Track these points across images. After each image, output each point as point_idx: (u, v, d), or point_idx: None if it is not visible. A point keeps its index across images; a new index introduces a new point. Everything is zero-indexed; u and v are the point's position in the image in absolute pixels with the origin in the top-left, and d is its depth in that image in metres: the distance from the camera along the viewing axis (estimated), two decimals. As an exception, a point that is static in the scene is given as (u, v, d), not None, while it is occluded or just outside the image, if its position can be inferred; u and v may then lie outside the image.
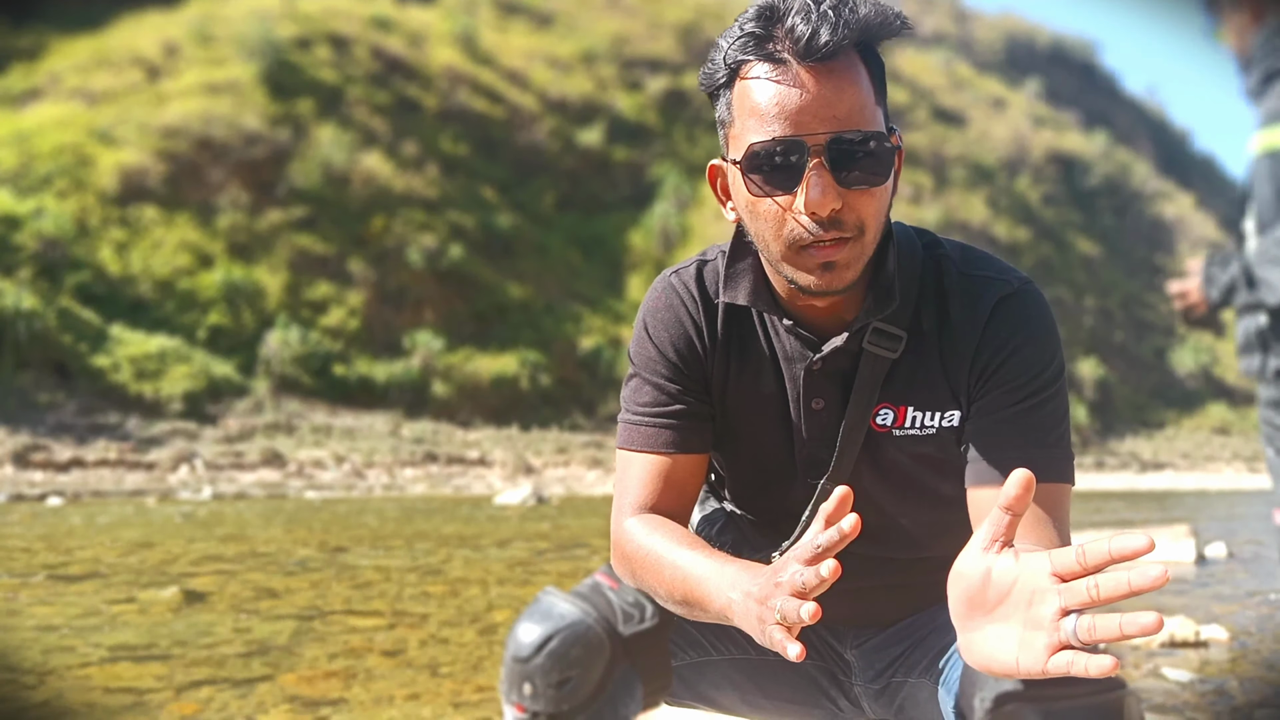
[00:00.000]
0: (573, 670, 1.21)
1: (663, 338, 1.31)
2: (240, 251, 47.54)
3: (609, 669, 1.22)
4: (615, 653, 1.23)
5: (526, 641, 1.23)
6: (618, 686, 1.23)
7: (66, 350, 37.93)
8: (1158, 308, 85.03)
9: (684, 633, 1.35)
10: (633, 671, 1.25)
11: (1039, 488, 1.14)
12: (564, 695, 1.20)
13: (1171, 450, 64.24)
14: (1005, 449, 1.17)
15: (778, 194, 1.11)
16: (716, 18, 70.90)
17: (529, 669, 1.21)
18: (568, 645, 1.21)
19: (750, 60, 1.11)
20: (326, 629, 4.49)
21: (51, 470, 27.17)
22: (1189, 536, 8.12)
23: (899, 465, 1.26)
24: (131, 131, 48.58)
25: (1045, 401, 1.18)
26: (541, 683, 1.21)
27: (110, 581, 6.18)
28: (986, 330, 1.20)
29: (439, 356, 47.06)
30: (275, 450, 34.25)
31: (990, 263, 1.26)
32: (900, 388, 1.24)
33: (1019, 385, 1.18)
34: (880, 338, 1.22)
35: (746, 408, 1.32)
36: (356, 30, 62.08)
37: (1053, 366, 1.19)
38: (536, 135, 64.12)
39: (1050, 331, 1.21)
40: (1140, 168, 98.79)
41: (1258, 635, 4.39)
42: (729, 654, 1.40)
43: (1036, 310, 1.21)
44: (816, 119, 1.08)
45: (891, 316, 1.22)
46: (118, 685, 3.34)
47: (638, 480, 1.30)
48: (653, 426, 1.30)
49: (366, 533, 10.60)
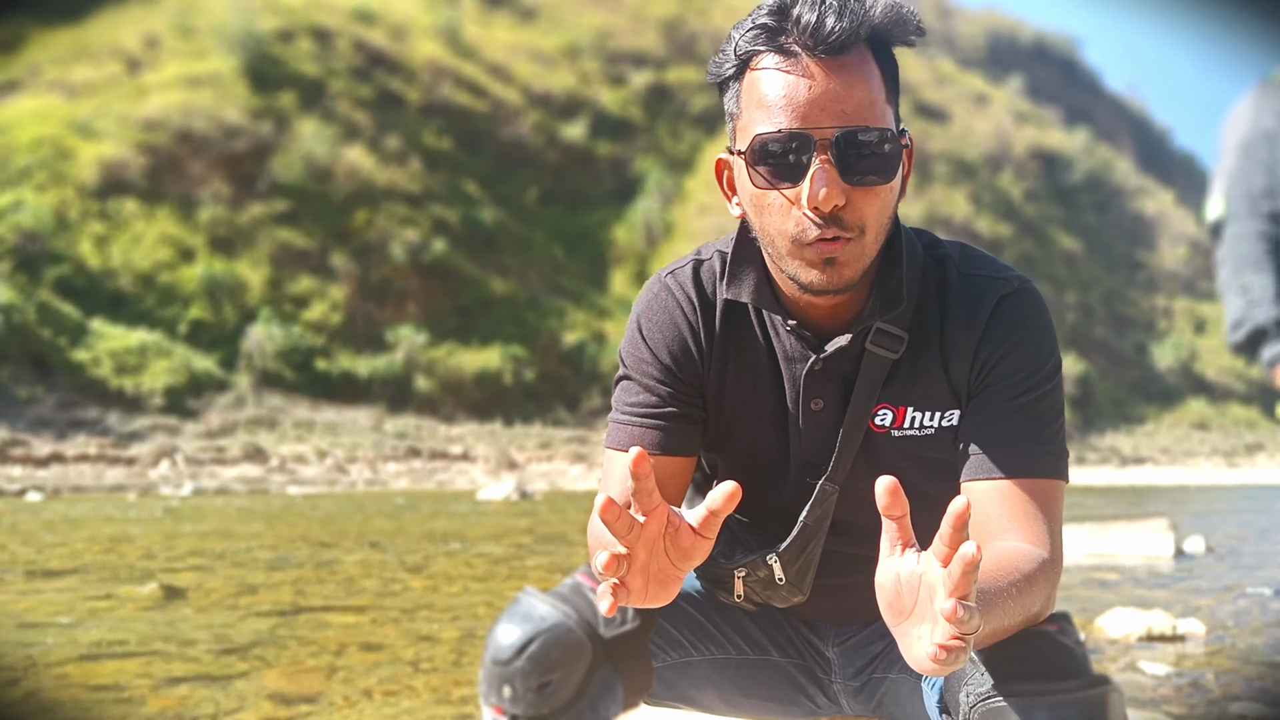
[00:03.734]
0: (553, 673, 1.20)
1: (656, 340, 1.30)
2: (222, 245, 47.24)
3: (590, 672, 1.21)
4: (596, 655, 1.22)
5: (506, 644, 1.22)
6: (598, 689, 1.23)
7: (46, 344, 37.62)
8: (1138, 303, 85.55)
9: (665, 633, 1.35)
10: (614, 674, 1.25)
11: (1030, 483, 1.16)
12: (544, 698, 1.20)
13: (1151, 445, 64.61)
14: (999, 444, 1.18)
15: (783, 186, 1.11)
16: (701, 12, 70.87)
17: (509, 672, 1.20)
18: (548, 648, 1.20)
19: (761, 52, 1.11)
20: (307, 625, 4.47)
21: (30, 465, 26.96)
22: (1168, 531, 8.18)
23: (894, 466, 1.24)
24: (111, 124, 48.20)
25: (1041, 398, 1.19)
26: (521, 686, 1.20)
27: (89, 577, 6.14)
28: (987, 329, 1.20)
29: (422, 351, 46.91)
30: (257, 445, 34.09)
31: (989, 263, 1.27)
32: (900, 388, 1.24)
33: (1016, 382, 1.19)
34: (883, 338, 1.21)
35: (743, 408, 1.30)
36: (339, 23, 61.74)
37: (1049, 364, 1.20)
38: (520, 129, 63.93)
39: (1048, 330, 1.22)
40: (1121, 164, 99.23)
41: (1235, 629, 4.43)
42: (710, 654, 1.41)
43: (1035, 309, 1.22)
44: (825, 113, 1.07)
45: (894, 317, 1.22)
46: (96, 682, 3.32)
47: (618, 479, 1.28)
48: (639, 426, 1.29)
49: (348, 528, 10.56)
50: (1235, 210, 2.30)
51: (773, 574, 1.31)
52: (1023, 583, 1.04)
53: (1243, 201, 2.29)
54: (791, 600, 1.34)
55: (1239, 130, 2.32)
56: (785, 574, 1.30)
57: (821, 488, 1.27)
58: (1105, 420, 68.44)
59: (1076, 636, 1.12)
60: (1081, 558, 7.67)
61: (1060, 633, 1.10)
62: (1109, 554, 7.85)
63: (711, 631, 1.38)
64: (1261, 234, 2.27)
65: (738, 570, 1.33)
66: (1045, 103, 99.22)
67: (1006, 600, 1.01)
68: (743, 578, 1.33)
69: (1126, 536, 8.18)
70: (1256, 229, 2.26)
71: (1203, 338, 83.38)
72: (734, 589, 1.34)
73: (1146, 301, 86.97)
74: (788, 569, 1.30)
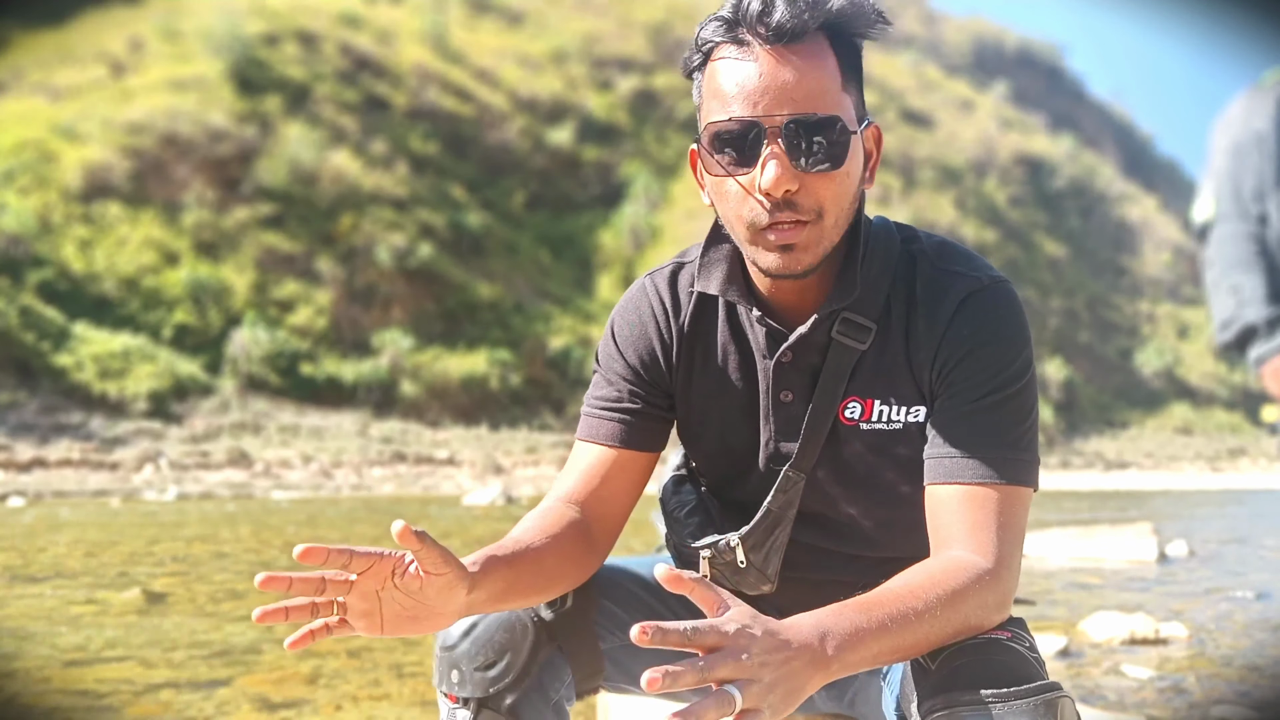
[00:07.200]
0: (497, 653, 1.24)
1: (625, 339, 1.34)
2: (206, 249, 47.11)
3: (533, 651, 1.25)
4: (539, 636, 1.26)
5: (453, 631, 1.25)
6: (544, 669, 1.26)
7: (29, 349, 37.43)
8: (1122, 309, 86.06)
9: (610, 614, 1.35)
10: (559, 654, 1.28)
11: (984, 490, 1.14)
12: (490, 679, 1.23)
13: (1135, 450, 64.95)
14: (958, 447, 1.16)
15: (739, 173, 1.12)
16: (687, 17, 70.93)
17: (455, 655, 1.24)
18: (491, 630, 1.24)
19: (719, 43, 1.13)
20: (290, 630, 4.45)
21: (13, 470, 26.80)
22: (1151, 535, 8.22)
23: (862, 459, 1.26)
24: (95, 127, 48.03)
25: (1004, 401, 1.16)
26: (468, 667, 1.24)
27: (72, 583, 6.10)
28: (950, 326, 1.19)
29: (407, 356, 46.85)
30: (241, 450, 33.97)
31: (965, 259, 1.24)
32: (867, 380, 1.23)
33: (978, 383, 1.17)
34: (849, 328, 1.22)
35: (713, 402, 1.32)
36: (325, 27, 61.67)
37: (1014, 366, 1.17)
38: (506, 134, 63.93)
39: (1015, 331, 1.19)
40: (1105, 170, 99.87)
41: (1217, 632, 4.45)
42: None
43: (1003, 308, 1.19)
44: (776, 100, 1.09)
45: (861, 307, 1.22)
46: (78, 687, 3.30)
47: (574, 469, 1.33)
48: (601, 419, 1.32)
49: (334, 533, 10.53)
50: (1225, 211, 2.30)
51: (735, 558, 1.32)
52: (949, 597, 1.05)
53: (1233, 203, 2.29)
54: (760, 588, 1.34)
55: (1230, 133, 2.33)
56: (749, 558, 1.32)
57: (785, 474, 1.27)
58: (1089, 425, 68.80)
59: (1030, 642, 1.12)
60: (1065, 561, 7.69)
61: (1012, 640, 1.09)
62: (1092, 558, 7.88)
63: (660, 611, 1.38)
64: (1251, 235, 2.27)
65: (703, 552, 1.35)
66: (1030, 109, 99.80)
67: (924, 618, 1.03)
68: (708, 559, 1.35)
69: (1110, 540, 8.21)
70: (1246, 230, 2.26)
71: (1186, 343, 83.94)
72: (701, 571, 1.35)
73: (1130, 307, 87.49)
74: (751, 554, 1.32)
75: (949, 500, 1.15)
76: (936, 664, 1.07)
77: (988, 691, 1.02)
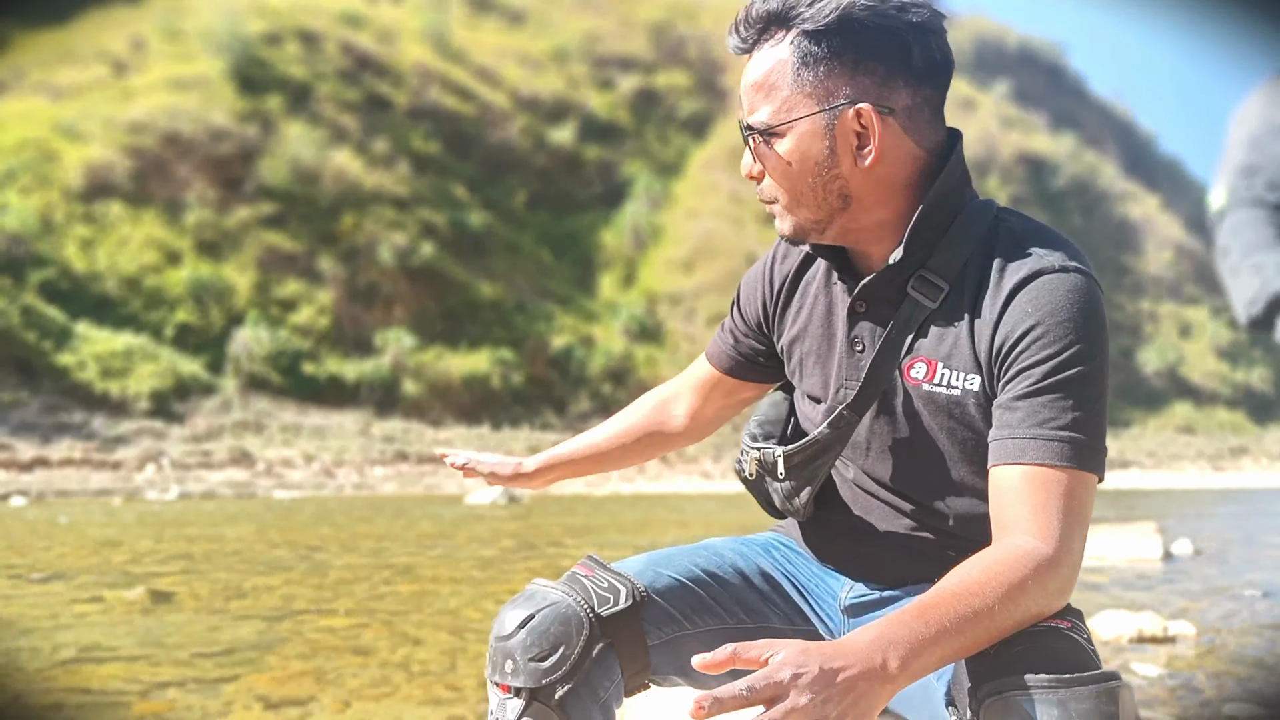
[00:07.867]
0: (551, 646, 1.27)
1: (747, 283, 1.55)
2: (208, 249, 47.04)
3: (587, 645, 1.28)
4: (592, 631, 1.29)
5: (509, 621, 1.30)
6: (594, 664, 1.29)
7: (30, 348, 37.40)
8: (1124, 308, 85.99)
9: (657, 609, 1.38)
10: (609, 650, 1.31)
11: (1045, 472, 1.14)
12: (544, 670, 1.26)
13: (1137, 449, 64.84)
14: (1022, 427, 1.16)
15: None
16: (689, 16, 70.91)
17: (510, 645, 1.28)
18: (548, 622, 1.29)
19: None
20: (296, 629, 4.45)
21: (15, 470, 26.79)
22: (1156, 534, 8.21)
23: (919, 419, 1.30)
24: (97, 127, 47.96)
25: (1067, 383, 1.15)
26: (522, 658, 1.27)
27: (75, 582, 6.10)
28: (1012, 302, 1.20)
29: (410, 355, 46.80)
30: (244, 449, 33.95)
31: (1049, 242, 1.24)
32: (934, 342, 1.27)
33: (1038, 364, 1.17)
34: (923, 285, 1.27)
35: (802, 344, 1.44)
36: (326, 26, 61.60)
37: (1075, 350, 1.16)
38: (508, 133, 63.87)
39: (1079, 315, 1.17)
40: (1107, 169, 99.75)
41: (1224, 630, 4.44)
42: (705, 625, 1.42)
43: (1070, 293, 1.18)
44: (743, 100, 1.28)
45: (939, 267, 1.26)
46: (83, 686, 3.29)
47: (687, 376, 1.67)
48: (714, 344, 1.61)
49: (336, 532, 10.52)
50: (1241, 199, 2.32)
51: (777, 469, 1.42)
52: (1009, 591, 1.06)
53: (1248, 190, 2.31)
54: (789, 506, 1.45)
55: (1248, 123, 2.35)
56: (786, 472, 1.42)
57: (839, 413, 1.33)
58: (1091, 424, 68.69)
59: (1087, 635, 1.13)
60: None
61: (1072, 629, 1.10)
62: (1097, 556, 7.87)
63: (708, 602, 1.41)
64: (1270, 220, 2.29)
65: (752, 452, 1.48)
66: (1031, 108, 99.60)
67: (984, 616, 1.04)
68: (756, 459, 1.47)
69: (1115, 539, 8.20)
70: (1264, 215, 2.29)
71: (1188, 342, 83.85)
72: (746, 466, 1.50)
73: (1132, 306, 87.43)
74: (790, 469, 1.41)
75: (1011, 481, 1.16)
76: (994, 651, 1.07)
77: (1047, 676, 1.02)
